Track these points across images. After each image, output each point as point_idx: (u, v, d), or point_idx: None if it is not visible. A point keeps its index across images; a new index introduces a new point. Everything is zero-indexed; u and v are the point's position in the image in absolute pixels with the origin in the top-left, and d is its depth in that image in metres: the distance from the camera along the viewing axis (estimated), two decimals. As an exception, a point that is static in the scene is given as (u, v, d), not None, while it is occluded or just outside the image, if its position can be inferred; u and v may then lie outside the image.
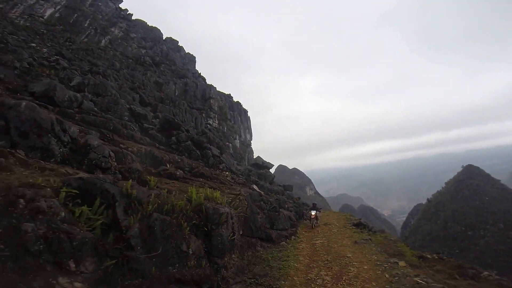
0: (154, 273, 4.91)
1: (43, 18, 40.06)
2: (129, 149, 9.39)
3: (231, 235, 7.57)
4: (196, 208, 6.49)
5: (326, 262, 8.94)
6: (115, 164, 7.29)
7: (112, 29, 49.15)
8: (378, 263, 8.54)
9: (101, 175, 5.42)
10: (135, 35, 53.01)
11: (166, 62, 53.98)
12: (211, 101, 49.92)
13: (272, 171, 36.31)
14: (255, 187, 17.30)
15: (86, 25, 44.71)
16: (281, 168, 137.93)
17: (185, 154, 15.40)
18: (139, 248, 4.62)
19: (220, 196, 7.93)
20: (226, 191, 11.59)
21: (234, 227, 7.96)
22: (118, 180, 5.69)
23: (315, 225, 16.56)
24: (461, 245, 78.77)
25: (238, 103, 66.19)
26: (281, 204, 17.18)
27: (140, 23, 58.58)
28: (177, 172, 9.70)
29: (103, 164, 6.90)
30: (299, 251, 10.63)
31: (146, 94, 33.39)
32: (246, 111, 68.29)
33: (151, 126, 16.96)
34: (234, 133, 55.24)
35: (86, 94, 18.15)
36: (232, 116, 58.02)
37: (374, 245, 11.51)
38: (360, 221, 18.73)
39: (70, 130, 7.09)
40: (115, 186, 4.78)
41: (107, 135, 9.92)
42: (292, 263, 8.74)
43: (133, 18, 57.14)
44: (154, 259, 4.98)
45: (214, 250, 6.71)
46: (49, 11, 41.46)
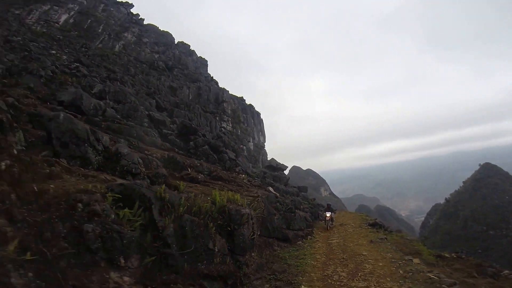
0: (186, 268, 5.42)
1: (58, 24, 41.44)
2: (153, 155, 10.05)
3: (251, 234, 8.04)
4: (220, 210, 6.99)
5: (342, 260, 9.19)
6: (144, 169, 7.91)
7: (125, 34, 50.43)
8: (393, 261, 8.73)
9: (138, 181, 5.99)
10: (147, 40, 54.27)
11: (179, 66, 55.15)
12: (224, 104, 50.73)
13: (286, 172, 36.59)
14: (270, 189, 17.71)
15: (99, 30, 45.95)
16: (295, 169, 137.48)
17: (203, 158, 16.03)
18: (174, 246, 5.14)
19: (240, 198, 8.42)
20: (244, 193, 12.05)
21: (254, 227, 8.42)
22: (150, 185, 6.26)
23: (330, 226, 16.34)
24: (483, 244, 76.38)
25: (251, 105, 66.84)
26: (296, 205, 17.44)
27: (152, 28, 60.11)
28: (198, 176, 10.27)
29: (133, 170, 7.52)
30: (316, 250, 10.92)
31: (161, 99, 34.40)
32: (258, 114, 68.85)
33: (169, 132, 17.72)
34: (248, 135, 55.88)
35: (108, 101, 19.11)
36: (245, 119, 58.71)
37: (390, 244, 11.62)
38: (375, 221, 18.73)
39: (103, 139, 7.76)
40: (150, 190, 5.33)
41: (133, 143, 10.62)
42: (309, 261, 9.05)
43: (144, 22, 58.65)
44: (186, 256, 5.50)
45: (236, 248, 7.19)
46: (63, 17, 42.78)
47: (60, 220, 3.84)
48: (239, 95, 64.89)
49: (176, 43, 63.33)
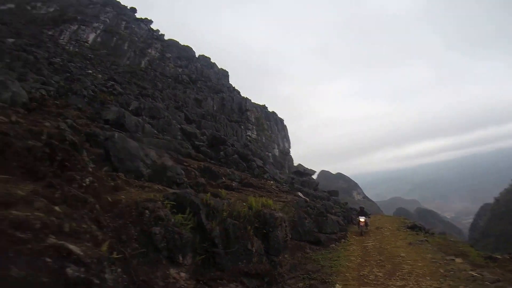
0: (229, 266, 6.12)
1: (88, 43, 44.47)
2: (191, 166, 11.02)
3: (284, 236, 8.62)
4: (256, 214, 7.66)
5: (379, 261, 9.11)
6: (186, 179, 8.82)
7: (149, 50, 52.72)
8: (433, 261, 8.54)
9: (188, 189, 6.85)
10: (170, 55, 56.48)
11: (202, 78, 57.26)
12: (248, 113, 51.91)
13: (315, 177, 36.51)
14: (300, 194, 18.08)
15: (125, 48, 48.65)
16: (324, 173, 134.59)
17: (233, 167, 16.92)
18: (220, 246, 5.87)
19: (272, 203, 9.05)
20: (274, 199, 12.62)
21: (286, 229, 8.99)
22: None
23: (364, 231, 15.16)
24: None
25: (274, 113, 67.51)
26: (327, 209, 17.44)
27: (173, 43, 62.69)
28: (232, 184, 11.06)
29: (177, 180, 8.45)
30: (350, 252, 10.85)
31: (189, 111, 36.21)
32: (282, 120, 69.29)
33: (201, 143, 18.90)
34: (273, 142, 56.51)
35: (144, 117, 20.76)
36: (269, 126, 59.46)
37: (431, 245, 11.15)
38: (415, 223, 17.90)
39: (150, 154, 8.81)
40: (198, 198, 6.13)
41: (173, 156, 11.70)
42: (343, 262, 9.08)
43: (165, 38, 61.59)
44: (229, 256, 6.20)
45: (271, 249, 7.80)
46: (91, 36, 45.65)
47: (132, 224, 4.71)
48: (261, 103, 65.85)
49: (197, 56, 65.66)
